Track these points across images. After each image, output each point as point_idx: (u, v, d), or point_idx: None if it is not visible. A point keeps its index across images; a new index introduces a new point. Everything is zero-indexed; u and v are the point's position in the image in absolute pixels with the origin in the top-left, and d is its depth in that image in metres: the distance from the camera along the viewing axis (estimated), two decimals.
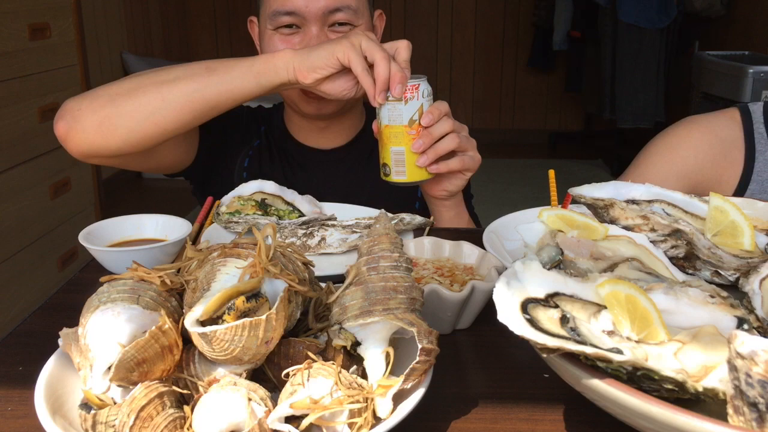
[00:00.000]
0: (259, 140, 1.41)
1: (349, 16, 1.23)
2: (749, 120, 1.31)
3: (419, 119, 1.08)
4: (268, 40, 1.27)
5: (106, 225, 1.01)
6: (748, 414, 0.47)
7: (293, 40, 1.24)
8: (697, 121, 1.34)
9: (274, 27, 1.25)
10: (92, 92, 1.14)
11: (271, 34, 1.26)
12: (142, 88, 1.11)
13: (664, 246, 0.77)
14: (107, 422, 0.57)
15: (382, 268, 0.64)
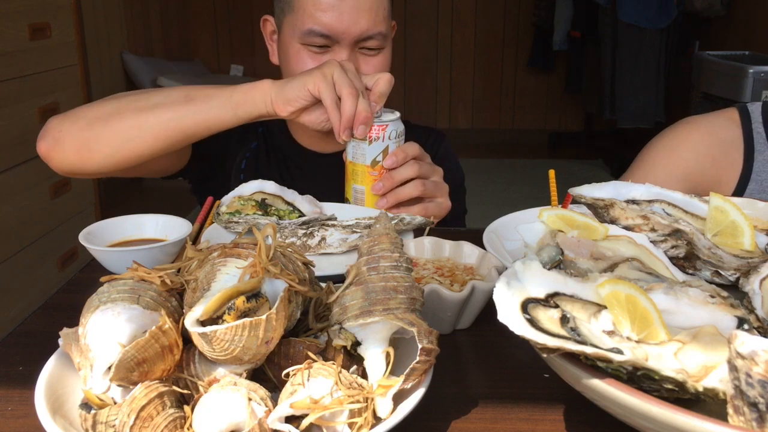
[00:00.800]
0: (256, 142, 1.41)
1: (380, 42, 1.25)
2: (748, 120, 1.32)
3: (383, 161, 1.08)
4: (294, 54, 1.25)
5: (106, 225, 1.01)
6: (748, 414, 0.47)
7: (323, 59, 1.22)
8: (696, 122, 1.35)
9: (303, 42, 1.23)
10: (74, 113, 1.16)
11: (298, 49, 1.25)
12: (120, 114, 1.12)
13: (664, 246, 0.77)
14: (107, 422, 0.57)
15: (382, 268, 0.64)
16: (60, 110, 2.78)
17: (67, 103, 2.84)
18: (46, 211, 2.73)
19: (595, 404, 0.56)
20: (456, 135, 5.69)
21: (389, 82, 1.10)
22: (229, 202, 1.13)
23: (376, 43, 1.25)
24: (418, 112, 5.69)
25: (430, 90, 5.72)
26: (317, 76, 1.05)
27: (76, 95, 2.93)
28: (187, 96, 1.11)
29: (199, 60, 5.45)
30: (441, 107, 5.77)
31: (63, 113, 1.17)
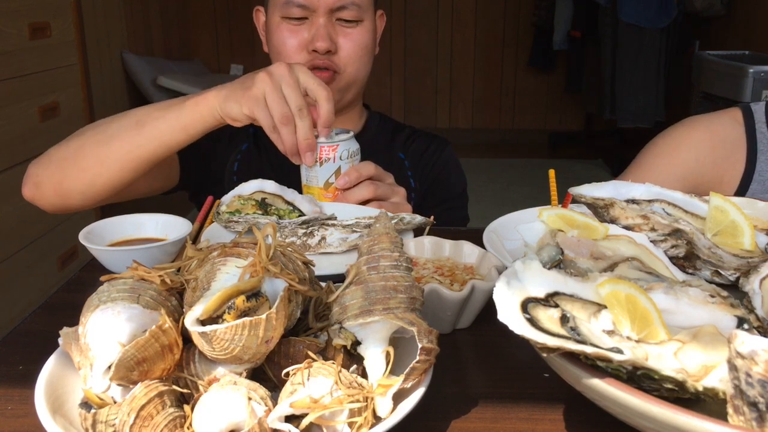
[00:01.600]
0: (247, 143, 1.41)
1: (355, 13, 1.28)
2: (751, 120, 1.31)
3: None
4: (275, 29, 1.30)
5: (106, 224, 1.01)
6: (748, 413, 0.47)
7: (301, 31, 1.28)
8: (698, 122, 1.34)
9: (282, 15, 1.28)
10: (47, 156, 1.19)
11: (278, 22, 1.29)
12: (83, 150, 1.13)
13: (664, 246, 0.77)
14: (107, 421, 0.57)
15: (382, 267, 0.64)
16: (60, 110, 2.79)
17: (67, 103, 2.84)
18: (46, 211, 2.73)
19: (595, 404, 0.56)
20: (456, 135, 5.70)
21: (328, 100, 1.06)
22: (229, 201, 1.13)
23: (352, 13, 1.28)
24: (418, 112, 5.69)
25: (430, 90, 5.72)
26: (251, 100, 1.02)
27: (76, 95, 2.93)
28: (138, 122, 1.11)
29: (199, 60, 5.45)
30: (441, 107, 5.77)
31: (39, 157, 1.20)
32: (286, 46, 1.29)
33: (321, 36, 1.26)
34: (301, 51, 1.29)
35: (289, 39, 1.29)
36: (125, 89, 4.59)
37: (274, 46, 1.32)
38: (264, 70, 1.05)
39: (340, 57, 1.31)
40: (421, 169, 1.45)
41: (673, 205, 0.84)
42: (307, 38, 1.28)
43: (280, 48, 1.31)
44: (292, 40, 1.29)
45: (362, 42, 1.32)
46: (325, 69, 1.29)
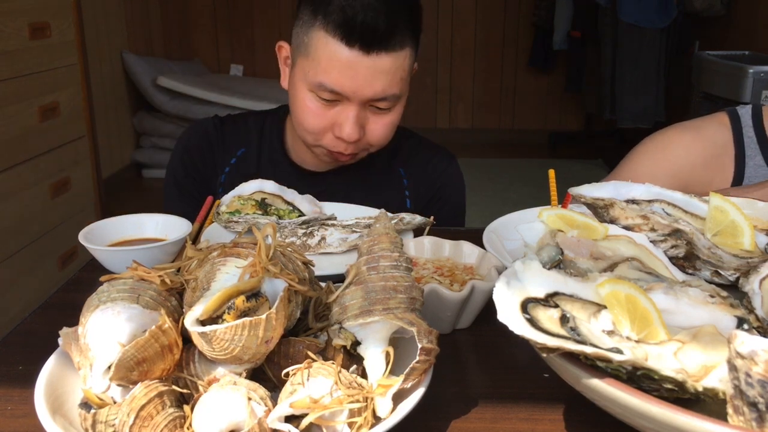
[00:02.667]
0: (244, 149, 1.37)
1: (392, 103, 1.20)
2: (738, 124, 1.32)
3: None
4: (302, 100, 1.20)
5: (106, 225, 1.01)
6: (747, 414, 0.47)
7: (329, 113, 1.18)
8: (688, 125, 1.35)
9: (312, 91, 1.18)
10: None
11: (306, 96, 1.19)
12: None
13: (664, 246, 0.77)
14: (107, 421, 0.57)
15: (382, 267, 0.64)
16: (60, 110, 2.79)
17: (67, 103, 2.84)
18: (45, 211, 2.73)
19: (595, 404, 0.56)
20: (456, 135, 5.70)
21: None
22: (228, 201, 1.13)
23: (388, 104, 1.19)
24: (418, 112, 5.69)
25: (430, 90, 5.72)
26: None
27: (76, 95, 2.93)
28: None
29: (199, 60, 5.45)
30: (441, 107, 5.77)
31: None
32: (310, 123, 1.20)
33: (351, 126, 1.17)
34: (326, 133, 1.20)
35: (314, 119, 1.19)
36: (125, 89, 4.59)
37: (297, 113, 1.22)
38: None
39: (368, 139, 1.22)
40: (420, 185, 1.38)
41: (673, 206, 0.84)
42: (335, 121, 1.18)
43: (304, 122, 1.21)
44: (317, 120, 1.19)
45: (394, 122, 1.24)
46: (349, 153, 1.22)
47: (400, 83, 1.19)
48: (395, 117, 1.23)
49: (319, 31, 1.14)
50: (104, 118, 4.17)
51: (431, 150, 1.42)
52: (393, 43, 1.14)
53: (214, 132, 1.38)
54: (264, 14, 5.41)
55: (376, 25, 1.11)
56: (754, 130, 1.30)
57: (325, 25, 1.13)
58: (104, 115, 4.19)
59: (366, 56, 1.12)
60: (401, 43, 1.16)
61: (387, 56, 1.14)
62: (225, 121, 1.41)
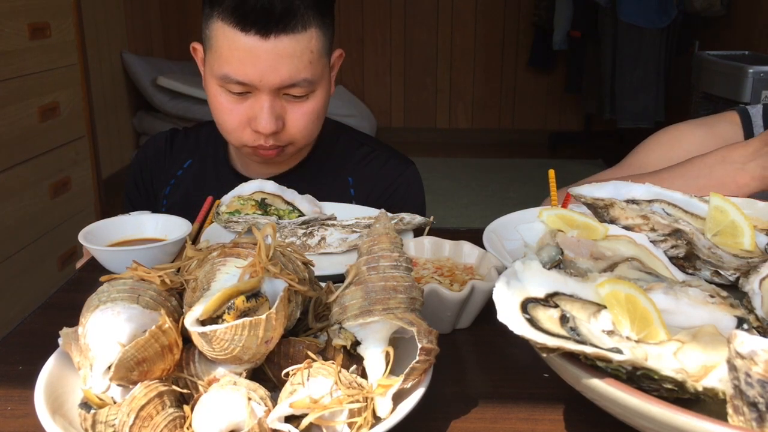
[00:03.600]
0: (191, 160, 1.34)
1: (306, 89, 1.14)
2: (749, 123, 1.31)
3: None
4: (214, 97, 1.16)
5: (106, 225, 1.01)
6: (747, 414, 0.47)
7: (241, 108, 1.14)
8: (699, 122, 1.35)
9: (221, 85, 1.14)
10: None
11: (217, 91, 1.15)
12: None
13: (664, 246, 0.77)
14: (107, 422, 0.57)
15: (382, 267, 0.64)
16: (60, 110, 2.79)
17: (67, 103, 2.84)
18: (45, 211, 2.73)
19: (595, 404, 0.56)
20: (456, 135, 5.70)
21: None
22: (228, 201, 1.13)
23: (302, 90, 1.14)
24: (418, 112, 5.69)
25: (430, 90, 5.71)
26: None
27: (76, 95, 2.93)
28: None
29: None
30: (441, 107, 5.76)
31: None
32: (225, 120, 1.16)
33: (265, 118, 1.12)
34: (244, 129, 1.16)
35: (228, 115, 1.15)
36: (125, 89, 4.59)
37: (214, 113, 1.18)
38: None
39: (289, 132, 1.17)
40: (368, 192, 1.32)
41: (673, 205, 0.83)
42: (250, 115, 1.14)
43: (220, 120, 1.18)
44: (231, 116, 1.15)
45: (314, 113, 1.18)
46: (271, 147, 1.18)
47: (309, 67, 1.12)
48: (315, 105, 1.17)
49: (217, 21, 1.12)
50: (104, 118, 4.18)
51: (385, 157, 1.36)
52: (293, 25, 1.09)
53: (165, 145, 1.38)
54: None
55: (270, 7, 1.07)
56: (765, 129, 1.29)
57: (220, 14, 1.11)
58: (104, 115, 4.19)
59: (265, 40, 1.08)
60: (303, 23, 1.10)
61: (288, 39, 1.09)
62: (177, 133, 1.40)
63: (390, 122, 5.67)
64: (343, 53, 1.27)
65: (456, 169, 4.99)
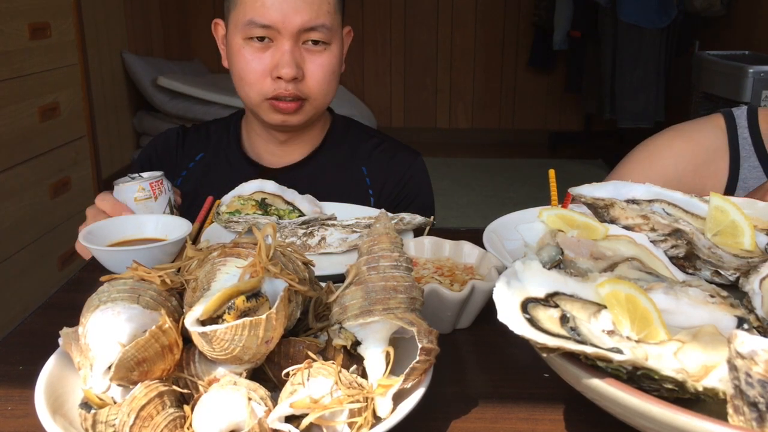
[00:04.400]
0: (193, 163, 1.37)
1: (325, 35, 1.22)
2: (733, 126, 1.32)
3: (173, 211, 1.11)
4: (237, 51, 1.23)
5: (106, 225, 1.01)
6: (748, 414, 0.47)
7: (264, 56, 1.21)
8: (680, 130, 1.35)
9: (245, 37, 1.21)
10: None
11: (240, 44, 1.22)
12: None
13: (664, 246, 0.77)
14: (107, 421, 0.57)
15: (382, 267, 0.64)
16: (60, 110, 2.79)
17: (67, 103, 2.84)
18: (45, 211, 2.73)
19: (595, 404, 0.56)
20: (456, 135, 5.70)
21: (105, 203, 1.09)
22: (228, 201, 1.13)
23: (321, 35, 1.21)
24: (418, 112, 5.69)
25: (430, 90, 5.72)
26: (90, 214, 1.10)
27: (76, 95, 2.93)
28: None
29: (199, 60, 5.45)
30: (441, 107, 5.77)
31: None
32: (248, 72, 1.22)
33: (287, 62, 1.19)
34: (265, 78, 1.22)
35: (251, 64, 1.21)
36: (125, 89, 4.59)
37: (237, 70, 1.25)
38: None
39: (307, 84, 1.23)
40: (383, 182, 1.37)
41: (673, 205, 0.83)
42: (272, 64, 1.21)
43: (242, 74, 1.24)
44: (255, 65, 1.21)
45: (330, 66, 1.25)
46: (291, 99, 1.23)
47: (327, 16, 1.22)
48: (330, 59, 1.24)
49: None
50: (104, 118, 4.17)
51: (394, 149, 1.41)
52: None
53: (176, 140, 1.41)
54: None
55: None
56: (749, 131, 1.30)
57: None
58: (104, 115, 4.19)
59: None
60: None
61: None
62: (189, 130, 1.43)
63: (390, 122, 5.67)
64: (351, 31, 1.35)
65: (456, 169, 4.99)
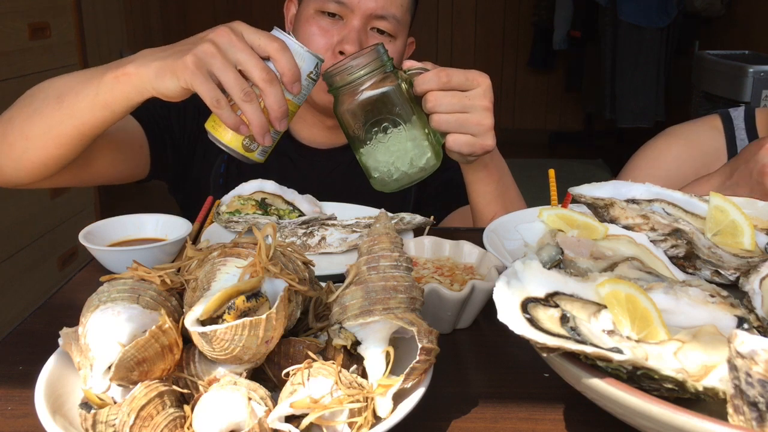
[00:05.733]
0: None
1: (393, 27, 1.24)
2: (731, 127, 1.33)
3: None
4: (306, 21, 1.24)
5: (106, 225, 1.01)
6: (748, 413, 0.47)
7: (332, 31, 1.22)
8: (678, 133, 1.36)
9: (317, 9, 1.22)
10: None
11: (311, 15, 1.23)
12: (11, 124, 1.05)
13: (664, 245, 0.77)
14: (107, 422, 0.57)
15: (382, 267, 0.64)
16: None
17: None
18: (46, 211, 2.73)
19: (595, 404, 0.56)
20: None
21: (283, 51, 0.88)
22: (228, 201, 1.13)
23: (389, 25, 1.23)
24: None
25: None
26: (189, 71, 0.85)
27: None
28: (59, 96, 0.99)
29: None
30: None
31: None
32: (312, 42, 1.23)
33: (351, 40, 1.20)
34: (327, 52, 1.22)
35: (317, 36, 1.23)
36: None
37: (301, 40, 1.22)
38: (206, 40, 0.88)
39: None
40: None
41: (673, 205, 0.84)
42: (336, 40, 1.22)
43: (306, 43, 1.20)
44: (320, 38, 1.23)
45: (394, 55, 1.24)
46: None
47: (400, 9, 1.24)
48: (395, 52, 1.25)
49: None
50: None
51: None
52: None
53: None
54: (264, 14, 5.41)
55: None
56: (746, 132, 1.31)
57: None
58: None
59: None
60: None
61: None
62: None
63: None
64: (414, 42, 1.37)
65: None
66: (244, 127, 0.88)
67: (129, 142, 1.24)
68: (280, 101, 0.88)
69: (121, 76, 0.92)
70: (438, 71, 1.01)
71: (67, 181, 1.15)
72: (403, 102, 0.99)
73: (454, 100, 1.01)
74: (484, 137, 1.04)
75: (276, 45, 0.88)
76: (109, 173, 1.21)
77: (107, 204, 3.27)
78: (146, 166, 1.29)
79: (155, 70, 0.89)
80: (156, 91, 0.90)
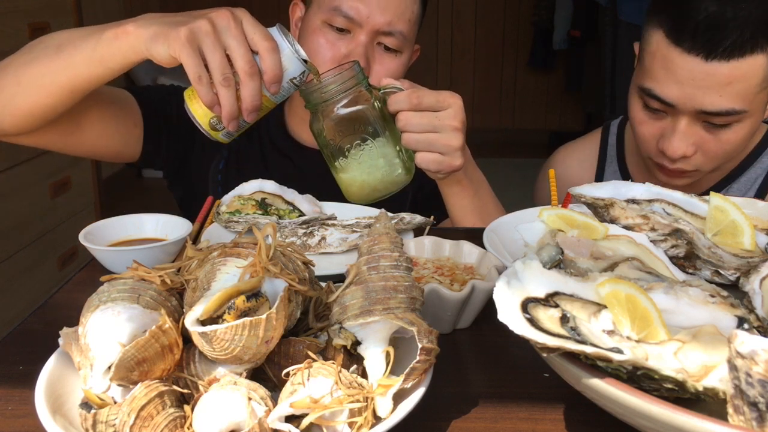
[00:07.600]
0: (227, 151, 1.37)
1: (399, 42, 1.25)
2: (606, 134, 1.43)
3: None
4: (313, 32, 1.25)
5: (106, 224, 1.01)
6: (748, 413, 0.47)
7: (339, 44, 1.23)
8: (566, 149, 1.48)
9: (325, 21, 1.23)
10: None
11: (318, 26, 1.24)
12: (7, 69, 1.06)
13: (665, 245, 0.77)
14: (107, 421, 0.57)
15: (382, 267, 0.64)
16: None
17: None
18: (45, 211, 2.73)
19: (595, 404, 0.56)
20: None
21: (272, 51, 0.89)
22: (229, 201, 1.13)
23: (395, 41, 1.24)
24: None
25: None
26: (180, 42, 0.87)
27: None
28: (58, 47, 1.01)
29: None
30: None
31: None
32: (319, 55, 1.24)
33: (358, 54, 1.21)
34: (332, 64, 1.21)
35: (324, 48, 1.23)
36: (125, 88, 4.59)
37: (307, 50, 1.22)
38: (206, 17, 0.89)
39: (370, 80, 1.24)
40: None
41: (673, 205, 0.84)
42: (343, 53, 1.23)
43: (312, 54, 1.24)
44: (327, 51, 1.23)
45: (396, 73, 1.27)
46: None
47: (408, 23, 1.25)
48: (398, 66, 1.27)
49: None
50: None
51: None
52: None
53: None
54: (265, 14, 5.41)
55: None
56: (616, 138, 1.41)
57: None
58: None
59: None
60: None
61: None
62: None
63: None
64: (419, 49, 1.39)
65: None
66: (218, 108, 0.90)
67: (123, 116, 1.24)
68: (254, 96, 0.89)
69: (120, 34, 0.96)
70: (410, 92, 1.06)
71: (53, 143, 1.15)
72: (375, 120, 1.03)
73: (423, 121, 1.05)
74: (452, 156, 1.07)
75: (267, 44, 0.89)
76: (98, 144, 1.21)
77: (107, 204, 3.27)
78: (137, 146, 1.28)
79: (152, 34, 0.92)
80: (148, 53, 0.93)
